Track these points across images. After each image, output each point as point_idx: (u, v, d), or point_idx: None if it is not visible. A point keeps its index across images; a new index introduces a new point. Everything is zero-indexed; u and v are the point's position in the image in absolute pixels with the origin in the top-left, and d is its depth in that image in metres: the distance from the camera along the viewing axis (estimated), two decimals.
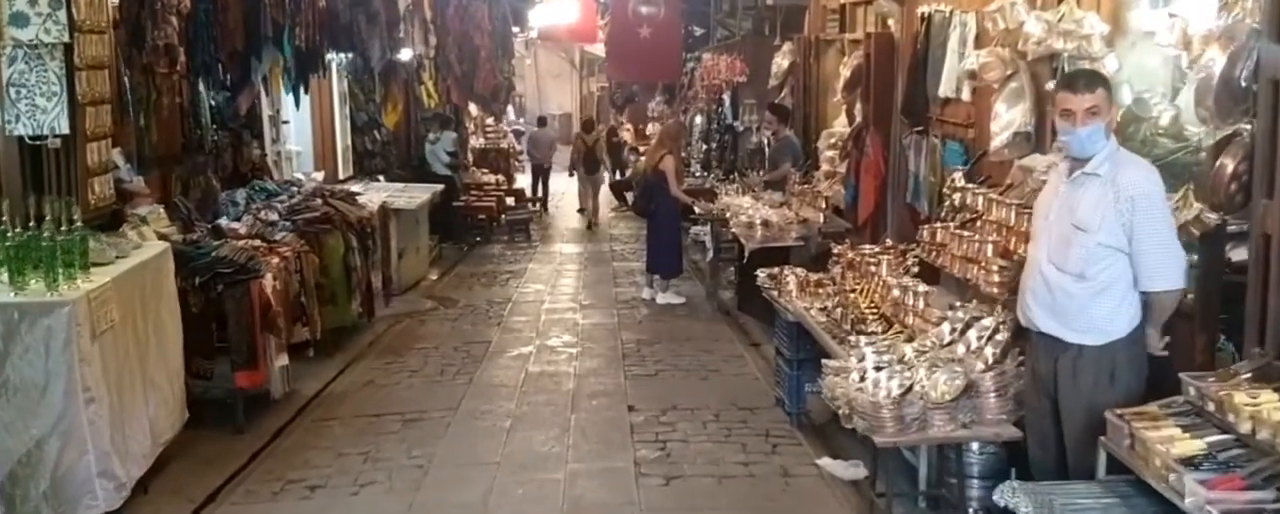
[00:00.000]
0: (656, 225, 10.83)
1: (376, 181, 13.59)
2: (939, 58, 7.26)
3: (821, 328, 5.57)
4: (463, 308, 10.70)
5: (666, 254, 10.90)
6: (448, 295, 11.42)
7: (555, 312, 10.52)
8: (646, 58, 12.47)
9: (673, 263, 10.96)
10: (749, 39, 11.55)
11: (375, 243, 9.41)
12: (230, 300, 6.30)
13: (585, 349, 8.78)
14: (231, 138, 8.71)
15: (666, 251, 10.90)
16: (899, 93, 8.12)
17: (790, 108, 11.85)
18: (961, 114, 6.94)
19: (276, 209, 8.41)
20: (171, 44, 6.22)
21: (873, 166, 8.00)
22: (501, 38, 14.51)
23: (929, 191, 7.48)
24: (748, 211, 8.97)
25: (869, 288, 5.61)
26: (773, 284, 6.63)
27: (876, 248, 6.08)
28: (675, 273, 10.95)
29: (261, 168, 9.46)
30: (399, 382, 7.81)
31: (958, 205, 5.68)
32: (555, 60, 38.00)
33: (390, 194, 11.80)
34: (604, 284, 12.10)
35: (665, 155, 10.75)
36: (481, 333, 9.51)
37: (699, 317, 10.06)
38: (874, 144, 7.99)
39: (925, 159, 7.55)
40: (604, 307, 10.72)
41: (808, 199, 8.96)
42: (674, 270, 10.94)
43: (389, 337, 9.37)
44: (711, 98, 13.39)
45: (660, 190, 10.64)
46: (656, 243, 10.88)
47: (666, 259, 10.91)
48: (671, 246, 10.98)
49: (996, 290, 4.87)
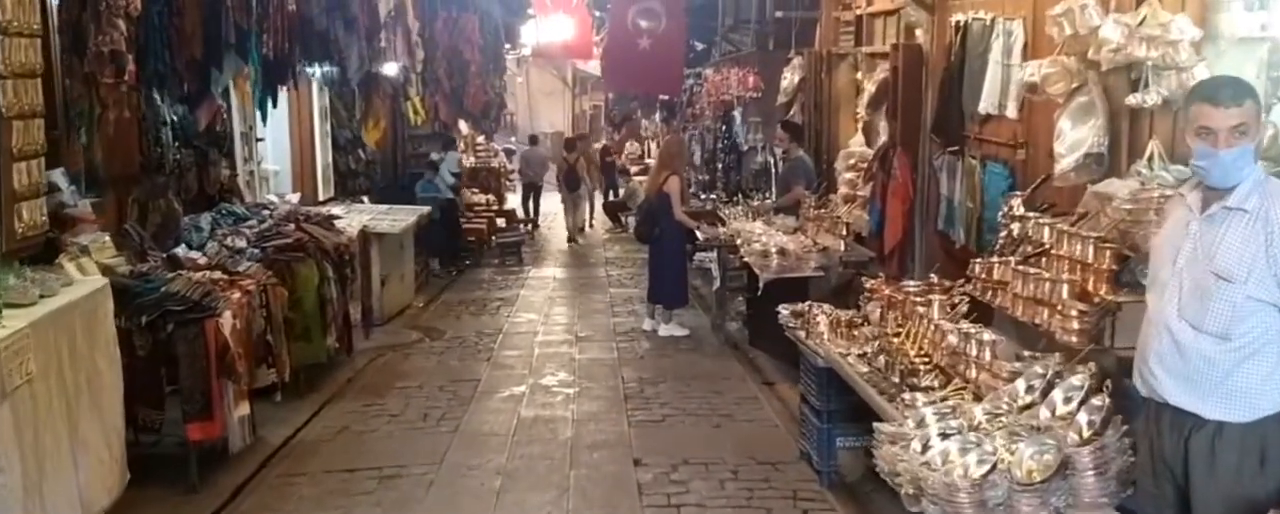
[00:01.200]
0: (660, 252, 10.10)
1: (360, 203, 12.85)
2: (978, 70, 6.56)
3: (864, 380, 4.81)
4: (449, 340, 9.92)
5: (671, 283, 10.17)
6: (434, 325, 10.65)
7: (549, 344, 9.75)
8: (646, 70, 11.73)
9: (677, 293, 10.23)
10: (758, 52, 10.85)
11: (354, 271, 8.64)
12: (181, 342, 5.52)
13: (583, 389, 8.01)
14: (196, 156, 7.93)
15: (671, 280, 10.18)
16: (929, 110, 7.41)
17: (801, 126, 11.13)
18: (1006, 132, 6.23)
19: (245, 235, 7.64)
20: (118, 50, 5.45)
21: (901, 190, 7.27)
22: (493, 52, 13.78)
23: (965, 218, 6.76)
24: (760, 238, 8.23)
25: (916, 332, 4.85)
26: (799, 323, 5.88)
27: (920, 285, 5.32)
28: (680, 303, 10.21)
29: (231, 189, 8.69)
30: (377, 429, 7.02)
31: (1016, 236, 4.94)
32: (548, 78, 37.45)
33: (373, 217, 11.03)
34: (601, 313, 11.34)
35: (670, 176, 10.05)
36: (470, 369, 8.74)
37: (705, 351, 9.30)
38: (902, 166, 7.26)
39: (961, 183, 6.83)
40: (602, 339, 9.96)
41: (825, 225, 8.22)
42: (678, 301, 10.20)
43: (368, 374, 8.59)
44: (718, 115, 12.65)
45: (665, 214, 9.94)
46: (660, 271, 10.15)
47: (670, 289, 10.18)
48: (676, 275, 10.27)
49: (1075, 339, 4.13)
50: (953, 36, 6.95)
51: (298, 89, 8.46)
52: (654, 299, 10.24)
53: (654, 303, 10.25)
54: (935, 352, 4.69)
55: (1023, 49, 5.99)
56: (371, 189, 14.18)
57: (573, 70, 36.39)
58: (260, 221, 8.01)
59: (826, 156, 10.58)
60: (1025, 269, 4.56)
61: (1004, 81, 6.22)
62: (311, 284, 7.64)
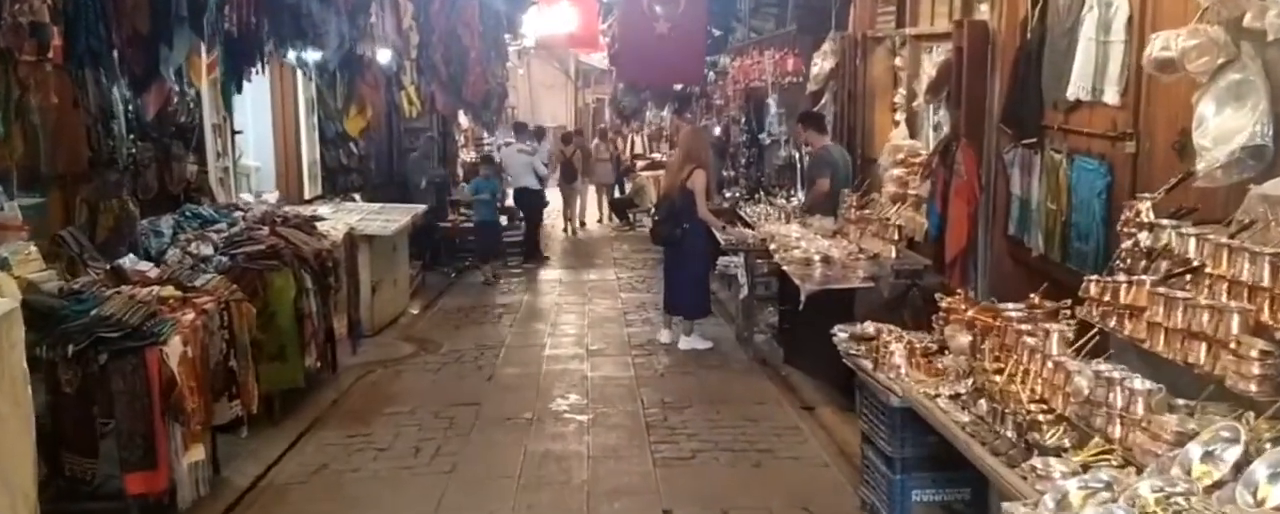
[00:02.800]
0: (681, 255, 9.04)
1: (352, 201, 11.89)
2: (1063, 49, 5.59)
3: (967, 434, 3.82)
4: (446, 354, 8.94)
5: (692, 291, 9.14)
6: (429, 337, 9.67)
7: (558, 359, 8.77)
8: (663, 58, 10.70)
9: (700, 302, 9.22)
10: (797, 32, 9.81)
11: (339, 279, 7.67)
12: (117, 376, 4.55)
13: (598, 416, 7.03)
14: (156, 151, 6.96)
15: (692, 288, 9.15)
16: (997, 97, 6.43)
17: (823, 115, 10.16)
18: (1103, 121, 5.24)
19: (212, 240, 6.69)
20: (40, 23, 4.49)
21: (966, 189, 6.29)
22: (493, 37, 12.78)
23: (1045, 222, 5.78)
24: (799, 244, 7.25)
25: (1028, 370, 3.86)
26: (864, 350, 4.89)
27: (1021, 308, 4.34)
28: (702, 313, 9.22)
29: (200, 188, 7.72)
30: (360, 467, 6.04)
31: (1146, 250, 3.96)
32: (550, 71, 36.57)
33: (363, 217, 10.06)
34: (613, 322, 10.36)
35: (695, 169, 8.96)
36: (469, 390, 7.76)
37: (732, 368, 8.32)
38: (967, 161, 6.28)
39: (1040, 181, 5.86)
40: (616, 353, 8.98)
41: (872, 228, 7.24)
42: (701, 310, 9.20)
43: (355, 395, 7.62)
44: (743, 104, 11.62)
45: (689, 213, 8.89)
46: (681, 277, 9.08)
47: (692, 297, 9.15)
48: (698, 281, 9.25)
49: (1255, 387, 3.15)
50: (1028, 11, 5.98)
51: (266, 72, 7.42)
52: (673, 309, 9.23)
53: (672, 313, 9.25)
54: (1055, 396, 3.70)
55: (1127, 22, 5.00)
56: (364, 186, 13.25)
57: (575, 62, 35.52)
58: (231, 225, 7.05)
59: (861, 150, 9.60)
60: (1170, 292, 3.58)
61: (1100, 61, 5.25)
62: (287, 297, 6.68)
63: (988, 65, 6.50)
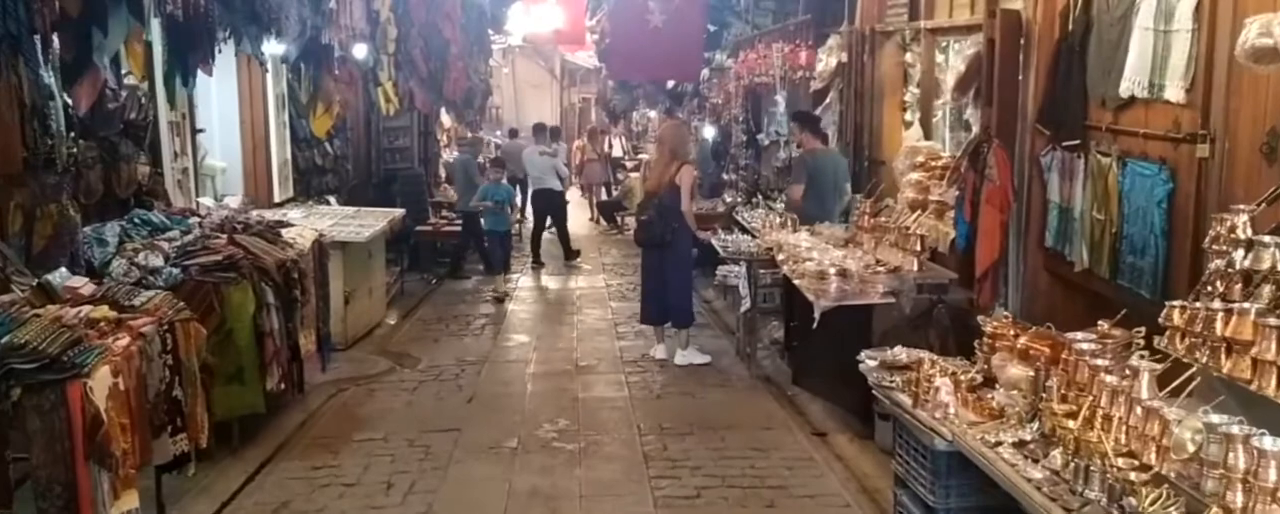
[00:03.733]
0: (670, 259, 8.41)
1: (326, 204, 11.23)
2: (1114, 39, 5.00)
3: (1046, 495, 3.19)
4: (425, 370, 8.29)
5: (684, 297, 8.57)
6: (407, 350, 9.02)
7: (545, 377, 8.13)
8: (658, 53, 10.03)
9: (691, 308, 8.70)
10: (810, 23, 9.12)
11: (306, 291, 7.00)
12: (33, 414, 3.89)
13: (590, 444, 6.39)
14: (102, 150, 6.28)
15: (684, 294, 8.58)
16: (1032, 94, 5.83)
17: (818, 117, 9.58)
18: (1164, 120, 4.65)
19: (162, 250, 6.02)
20: None
21: (998, 196, 5.67)
22: (476, 32, 12.12)
23: (1090, 233, 5.19)
24: (810, 254, 6.62)
25: (1110, 415, 3.25)
26: (901, 384, 4.27)
27: (1091, 338, 3.73)
28: (692, 321, 8.68)
29: (153, 192, 7.04)
30: (325, 507, 5.39)
31: (1247, 271, 3.35)
32: (535, 69, 35.98)
33: (336, 222, 9.41)
34: (603, 334, 9.72)
35: (682, 165, 8.44)
36: (448, 412, 7.12)
37: (734, 387, 7.69)
38: (1000, 164, 5.66)
39: (1085, 187, 5.26)
40: (608, 369, 8.34)
41: (889, 237, 6.62)
42: (691, 317, 8.67)
43: (324, 418, 6.97)
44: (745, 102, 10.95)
45: (676, 212, 8.30)
46: (671, 283, 8.44)
47: (685, 303, 8.58)
48: (688, 286, 8.72)
49: None
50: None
51: (228, 65, 6.74)
52: (666, 319, 8.58)
53: (662, 324, 8.62)
54: (1146, 448, 3.08)
55: (1195, 8, 4.40)
56: (340, 188, 12.58)
57: (561, 61, 34.95)
58: (185, 232, 6.38)
59: (869, 152, 9.01)
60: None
61: (1159, 52, 4.66)
62: (246, 313, 6.02)
63: (1020, 60, 5.91)
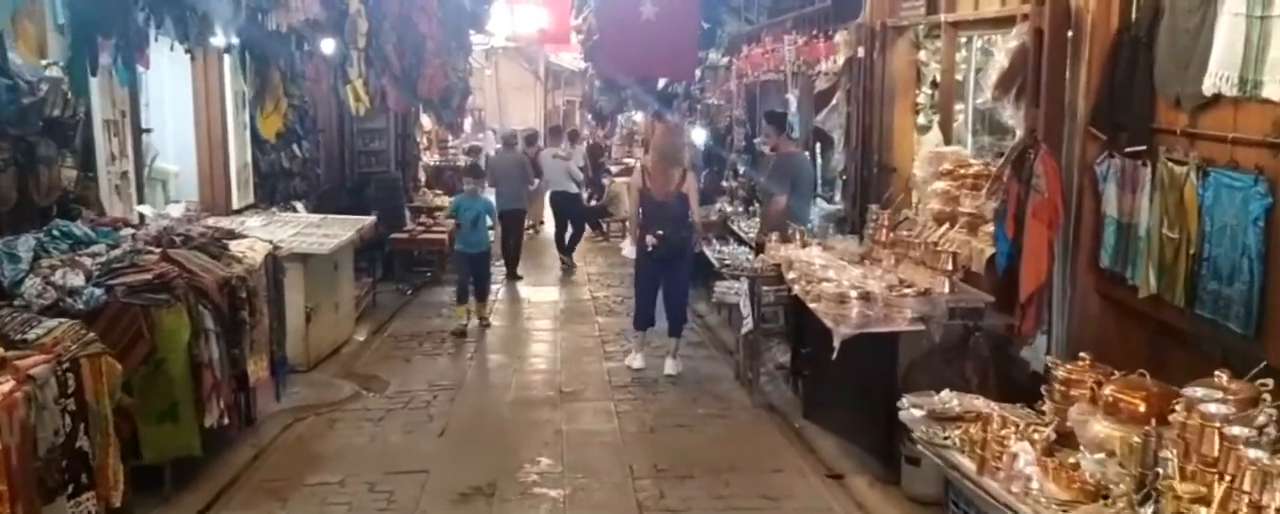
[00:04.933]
0: (680, 268, 8.20)
1: (293, 211, 10.43)
2: (1192, 28, 4.28)
3: None
4: (392, 396, 7.50)
5: (683, 305, 8.37)
6: (375, 372, 8.22)
7: (525, 404, 7.35)
8: (650, 48, 9.24)
9: (685, 316, 8.48)
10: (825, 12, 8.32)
11: (256, 312, 6.20)
12: None
13: (577, 490, 5.61)
14: (15, 152, 5.46)
15: (685, 300, 8.42)
16: (1083, 92, 5.09)
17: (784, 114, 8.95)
18: (1259, 123, 3.94)
19: (84, 267, 5.22)
20: None
21: (1047, 209, 4.93)
22: (454, 26, 11.31)
23: (1157, 254, 4.46)
24: (825, 273, 5.86)
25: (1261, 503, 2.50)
26: (957, 441, 3.51)
27: (1213, 392, 2.98)
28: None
29: (83, 199, 6.24)
30: None
31: None
32: (518, 72, 35.31)
33: (299, 231, 8.60)
34: (590, 353, 8.95)
35: (686, 172, 8.21)
36: (416, 449, 6.34)
37: (735, 417, 6.93)
38: (1049, 173, 4.92)
39: (1152, 199, 4.53)
40: (595, 394, 7.57)
41: (913, 254, 5.86)
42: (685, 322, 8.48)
43: (274, 455, 6.18)
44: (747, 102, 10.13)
45: (686, 222, 8.08)
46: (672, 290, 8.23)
47: (683, 312, 8.38)
48: (686, 294, 8.52)
49: None
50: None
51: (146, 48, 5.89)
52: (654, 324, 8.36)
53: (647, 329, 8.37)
54: None
55: None
56: (309, 193, 11.77)
57: (545, 63, 34.30)
58: (112, 246, 5.57)
59: (878, 157, 8.25)
60: None
61: (1255, 43, 3.93)
62: (179, 340, 5.22)
63: (1069, 55, 5.17)
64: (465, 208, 10.23)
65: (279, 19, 5.99)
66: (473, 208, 10.21)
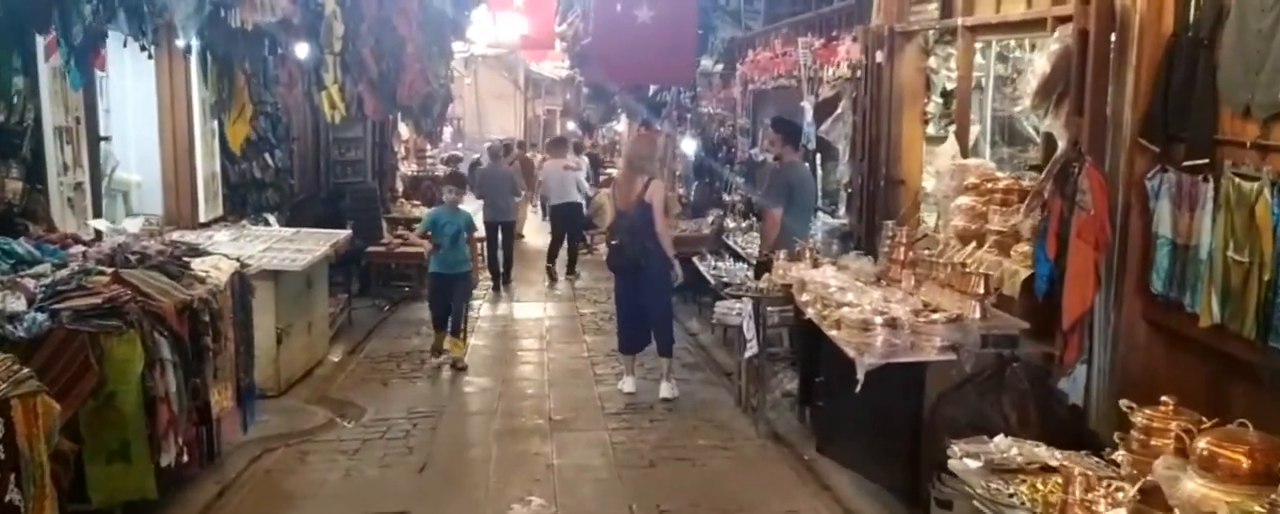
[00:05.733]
0: (647, 282, 7.67)
1: (265, 224, 9.89)
2: (1265, 31, 3.88)
3: None
4: (369, 425, 6.97)
5: (666, 325, 7.88)
6: (350, 398, 7.69)
7: (512, 435, 6.84)
8: (648, 52, 8.69)
9: (672, 335, 7.97)
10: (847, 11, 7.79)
11: (219, 337, 5.66)
12: None
13: None
14: None
15: (664, 321, 7.88)
16: (1129, 101, 4.65)
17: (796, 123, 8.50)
18: None
19: (25, 290, 4.69)
20: None
21: (1093, 228, 4.48)
22: (435, 30, 10.81)
23: (1223, 279, 4.02)
24: (842, 296, 5.39)
25: None
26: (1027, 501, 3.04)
27: None
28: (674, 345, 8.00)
29: (30, 212, 5.70)
30: None
31: None
32: (498, 80, 34.89)
33: (269, 246, 8.07)
34: (579, 376, 8.45)
35: (651, 180, 7.66)
36: (393, 486, 5.82)
37: (740, 449, 6.44)
38: (1096, 189, 4.47)
39: (1216, 218, 4.09)
40: (587, 423, 7.07)
41: (938, 276, 5.40)
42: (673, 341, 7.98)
43: (239, 494, 5.65)
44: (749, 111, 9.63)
45: (650, 232, 7.53)
46: (651, 309, 7.78)
47: (667, 332, 7.87)
48: (669, 312, 8.05)
49: None
50: None
51: (101, 49, 5.37)
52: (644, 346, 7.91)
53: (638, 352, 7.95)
54: None
55: None
56: (282, 205, 11.23)
57: (525, 72, 33.91)
58: (58, 266, 5.04)
59: (887, 169, 7.80)
60: None
61: None
62: (132, 371, 4.68)
63: (1115, 57, 4.72)
64: (444, 222, 8.80)
65: (244, 15, 5.47)
66: (453, 223, 8.81)
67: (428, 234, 8.97)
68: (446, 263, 8.78)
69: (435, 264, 8.90)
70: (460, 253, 8.86)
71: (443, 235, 8.75)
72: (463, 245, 8.90)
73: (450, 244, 8.75)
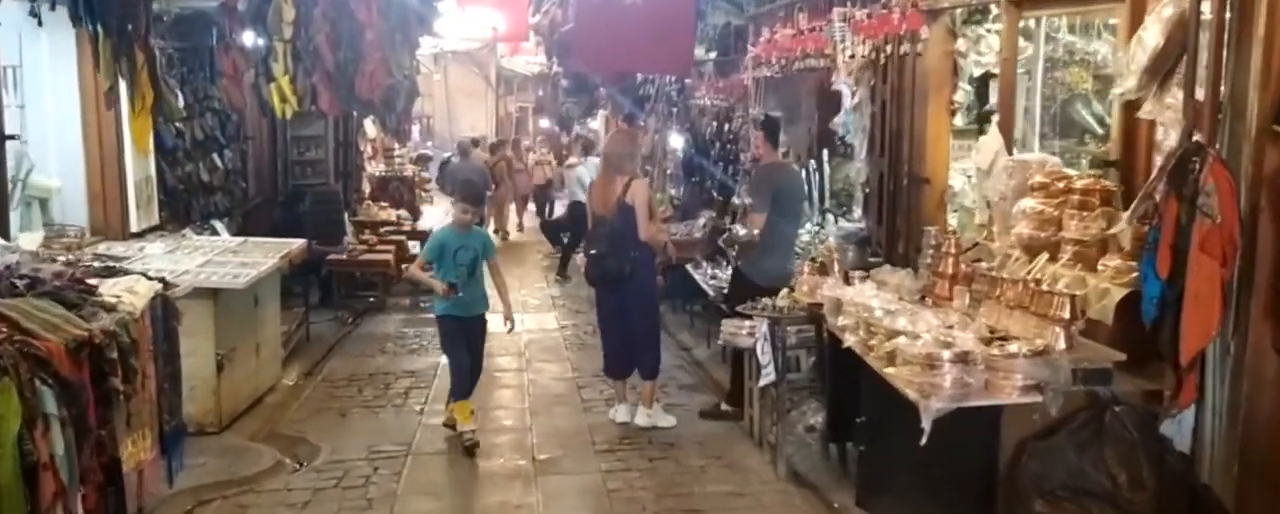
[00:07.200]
0: (633, 297, 6.75)
1: (212, 233, 8.90)
2: None
3: None
4: (323, 468, 5.98)
5: (651, 343, 6.96)
6: (302, 433, 6.70)
7: (491, 480, 5.87)
8: (638, 38, 7.65)
9: (659, 355, 7.03)
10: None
11: (133, 376, 4.65)
12: None
13: None
14: None
15: (650, 339, 6.95)
16: (1255, 80, 3.73)
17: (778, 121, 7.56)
18: None
19: None
20: None
21: (1219, 238, 3.56)
22: (399, 18, 9.80)
23: None
24: (892, 321, 4.43)
25: None
26: None
27: None
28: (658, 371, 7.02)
29: None
30: None
31: None
32: (468, 77, 33.94)
33: (210, 259, 7.05)
34: (564, 404, 7.48)
35: (632, 180, 6.68)
36: None
37: (757, 494, 5.49)
38: (1224, 191, 3.55)
39: None
40: (577, 463, 6.11)
41: (1008, 297, 4.44)
42: (659, 364, 7.03)
43: None
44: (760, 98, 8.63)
45: (635, 239, 6.58)
46: (636, 325, 6.86)
47: (655, 350, 6.99)
48: (655, 330, 7.12)
49: None
50: None
51: None
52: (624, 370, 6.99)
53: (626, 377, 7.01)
54: None
55: None
56: (232, 211, 10.21)
57: (496, 69, 32.98)
58: None
59: (909, 167, 6.90)
60: None
61: None
62: (6, 433, 3.68)
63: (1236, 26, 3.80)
64: (453, 248, 6.38)
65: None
66: (466, 248, 6.40)
67: (428, 265, 6.47)
68: (461, 303, 6.40)
69: (446, 305, 6.45)
70: (478, 289, 6.53)
71: (455, 265, 6.36)
72: (481, 279, 6.57)
73: (468, 277, 6.39)
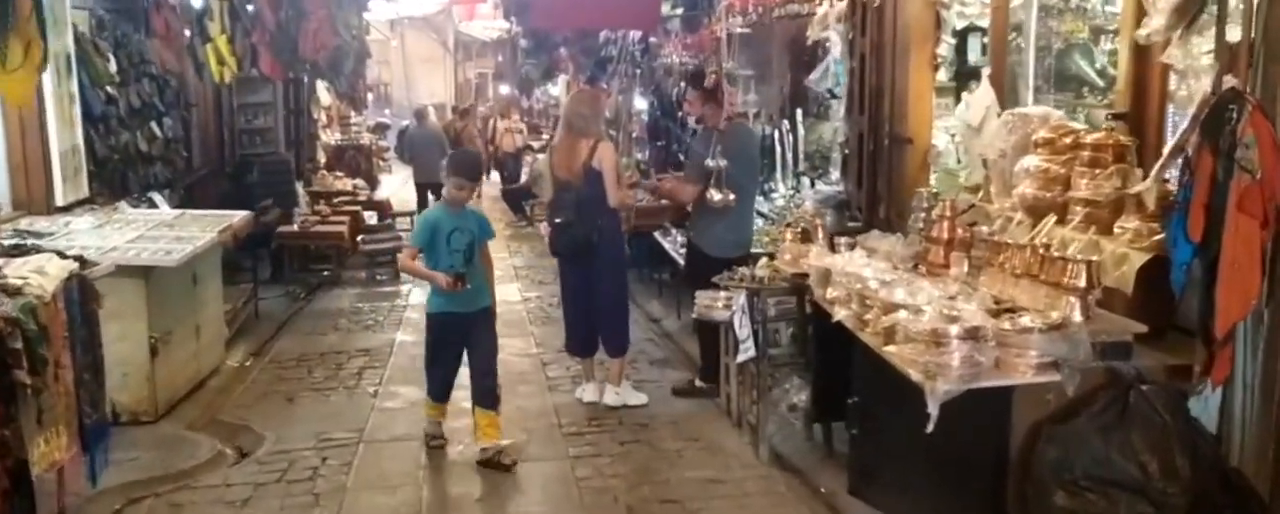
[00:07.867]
0: (602, 270, 6.31)
1: (151, 206, 8.35)
2: None
3: None
4: (266, 459, 5.51)
5: (619, 319, 6.52)
6: (245, 419, 6.23)
7: (449, 470, 5.42)
8: None
9: (626, 332, 6.60)
10: None
11: (43, 368, 4.15)
12: None
13: None
14: None
15: (617, 314, 6.51)
16: None
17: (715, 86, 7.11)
18: None
19: None
20: None
21: (1259, 198, 3.17)
22: None
23: None
24: (881, 291, 4.01)
25: None
26: None
27: None
28: (627, 348, 6.57)
29: None
30: None
31: None
32: (426, 43, 33.33)
33: (141, 235, 6.53)
34: (529, 383, 7.04)
35: (598, 142, 6.20)
36: None
37: (738, 480, 5.08)
38: (1264, 143, 3.16)
39: None
40: (544, 449, 5.67)
41: (1012, 264, 4.03)
42: (627, 344, 6.57)
43: None
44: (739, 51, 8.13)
45: (602, 207, 6.13)
46: (603, 299, 6.41)
47: (624, 325, 6.57)
48: (623, 304, 6.65)
49: None
50: None
51: None
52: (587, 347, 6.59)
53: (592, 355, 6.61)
54: None
55: None
56: (174, 182, 9.62)
57: (454, 34, 32.35)
58: None
59: (890, 127, 6.50)
60: None
61: None
62: None
63: None
64: (446, 229, 5.37)
65: None
66: (462, 229, 5.39)
67: (422, 250, 5.46)
68: (459, 298, 5.41)
69: (440, 300, 5.49)
70: (478, 277, 5.48)
71: (450, 249, 5.37)
72: (479, 264, 5.52)
73: (465, 263, 5.38)
